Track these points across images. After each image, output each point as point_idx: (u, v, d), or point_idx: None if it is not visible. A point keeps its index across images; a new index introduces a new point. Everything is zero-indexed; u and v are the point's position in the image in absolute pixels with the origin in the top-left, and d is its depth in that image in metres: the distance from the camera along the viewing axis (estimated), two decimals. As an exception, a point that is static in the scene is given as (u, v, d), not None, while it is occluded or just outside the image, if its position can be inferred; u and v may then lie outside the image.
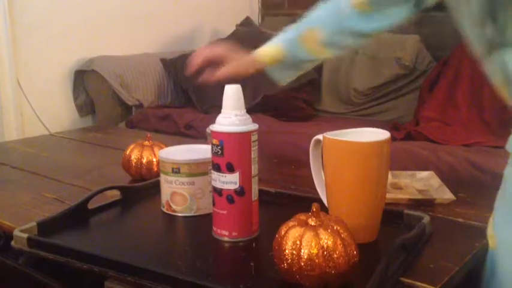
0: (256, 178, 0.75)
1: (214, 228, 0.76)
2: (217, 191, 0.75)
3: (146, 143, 1.07)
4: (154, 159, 1.04)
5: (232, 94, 0.74)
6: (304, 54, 0.89)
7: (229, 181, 0.73)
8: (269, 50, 0.91)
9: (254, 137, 0.74)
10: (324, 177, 0.78)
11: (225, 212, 0.75)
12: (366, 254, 0.65)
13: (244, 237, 0.75)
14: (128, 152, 1.06)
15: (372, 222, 0.74)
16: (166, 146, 0.97)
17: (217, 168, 0.74)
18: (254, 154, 0.74)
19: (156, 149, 1.05)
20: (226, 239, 0.75)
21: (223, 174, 0.73)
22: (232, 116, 0.73)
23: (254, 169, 0.75)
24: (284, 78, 0.93)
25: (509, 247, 0.72)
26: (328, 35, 0.88)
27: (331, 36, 0.88)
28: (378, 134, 0.74)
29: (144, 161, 1.04)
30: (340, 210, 0.72)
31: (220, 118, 0.74)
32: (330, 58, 0.94)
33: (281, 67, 0.91)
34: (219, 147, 0.73)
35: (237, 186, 0.73)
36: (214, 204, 0.76)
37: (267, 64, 0.91)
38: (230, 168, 0.73)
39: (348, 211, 0.72)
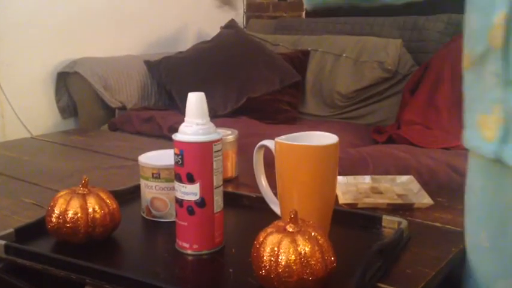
0: (220, 189, 0.73)
1: (177, 240, 0.75)
2: (179, 202, 0.73)
3: (80, 190, 0.76)
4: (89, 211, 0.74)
5: (194, 102, 0.71)
6: None
7: (189, 192, 0.71)
8: None
9: (217, 147, 0.72)
10: (264, 182, 0.81)
11: (185, 223, 0.73)
12: (344, 259, 0.66)
13: (206, 250, 0.73)
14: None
15: (323, 224, 0.75)
16: (149, 149, 0.92)
17: (178, 178, 0.72)
18: (217, 165, 0.72)
19: (91, 199, 0.76)
20: (189, 251, 0.73)
21: (184, 185, 0.72)
22: (193, 124, 0.71)
23: (217, 180, 0.72)
24: None
25: (478, 253, 0.73)
26: None
27: None
28: (327, 138, 0.77)
29: (69, 215, 0.73)
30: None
31: (182, 127, 0.72)
32: None
33: None
34: (179, 157, 0.71)
35: (197, 197, 0.71)
36: (176, 216, 0.74)
37: None
38: (190, 179, 0.71)
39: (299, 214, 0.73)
